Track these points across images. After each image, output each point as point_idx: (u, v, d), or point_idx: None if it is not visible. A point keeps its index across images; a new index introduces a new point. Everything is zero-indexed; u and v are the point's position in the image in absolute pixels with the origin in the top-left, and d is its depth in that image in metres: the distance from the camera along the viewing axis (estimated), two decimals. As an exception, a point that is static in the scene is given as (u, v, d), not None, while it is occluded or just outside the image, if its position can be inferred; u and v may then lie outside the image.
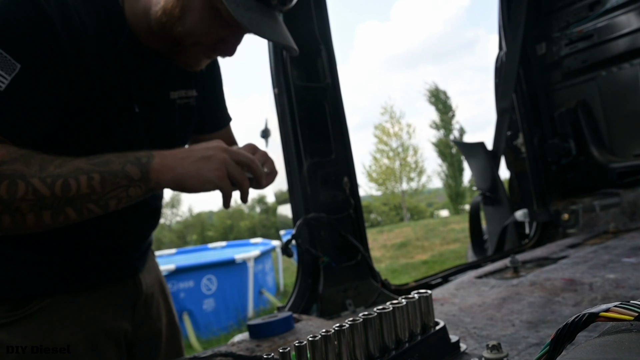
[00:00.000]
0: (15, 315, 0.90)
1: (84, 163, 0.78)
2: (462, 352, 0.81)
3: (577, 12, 2.75)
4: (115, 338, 1.05)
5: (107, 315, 1.03)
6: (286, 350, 0.59)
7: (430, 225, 15.10)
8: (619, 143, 2.70)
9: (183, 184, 0.84)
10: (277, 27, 0.93)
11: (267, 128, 1.88)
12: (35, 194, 0.74)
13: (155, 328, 1.17)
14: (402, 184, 27.27)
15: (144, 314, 1.13)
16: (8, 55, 0.77)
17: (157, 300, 1.19)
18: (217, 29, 0.91)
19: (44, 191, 0.75)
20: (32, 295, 0.92)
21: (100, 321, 1.01)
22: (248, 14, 0.86)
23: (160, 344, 1.19)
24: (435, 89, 26.74)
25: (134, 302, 1.10)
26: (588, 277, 1.32)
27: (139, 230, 1.10)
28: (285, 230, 8.12)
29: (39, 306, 0.93)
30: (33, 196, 0.74)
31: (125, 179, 0.80)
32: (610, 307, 0.35)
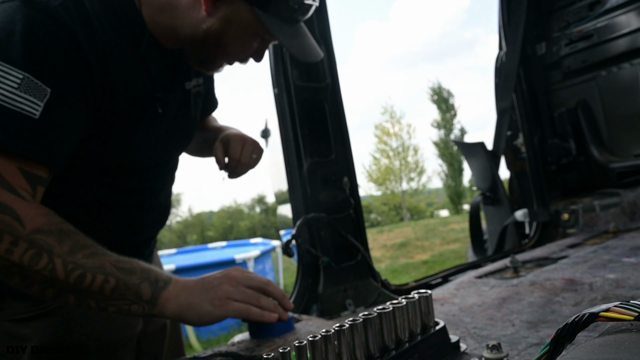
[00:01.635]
0: (35, 310, 0.92)
1: (109, 264, 0.81)
2: (462, 352, 0.81)
3: (577, 12, 2.75)
4: (128, 335, 1.07)
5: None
6: (286, 350, 0.59)
7: (430, 225, 15.10)
8: (619, 143, 2.70)
9: (183, 317, 0.87)
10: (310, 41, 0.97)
11: (267, 128, 1.88)
12: (52, 273, 0.76)
13: (161, 323, 1.19)
14: (402, 184, 27.28)
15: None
16: (39, 82, 0.76)
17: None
18: (252, 46, 0.96)
19: (60, 274, 0.77)
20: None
21: (116, 320, 1.03)
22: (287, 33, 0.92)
23: (165, 338, 1.21)
24: (438, 87, 26.73)
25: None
26: (588, 277, 1.32)
27: (153, 229, 1.12)
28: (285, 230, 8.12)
29: (55, 304, 0.94)
30: (48, 274, 0.76)
31: (135, 295, 0.83)
32: (610, 307, 0.35)
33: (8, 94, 0.74)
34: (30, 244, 0.75)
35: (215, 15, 0.89)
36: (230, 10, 0.89)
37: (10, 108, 0.74)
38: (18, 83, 0.74)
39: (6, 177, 0.75)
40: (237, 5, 0.89)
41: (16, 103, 0.74)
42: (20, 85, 0.74)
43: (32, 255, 0.75)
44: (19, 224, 0.74)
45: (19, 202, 0.75)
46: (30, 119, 0.76)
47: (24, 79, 0.75)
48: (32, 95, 0.76)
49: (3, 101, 0.74)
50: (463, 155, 3.55)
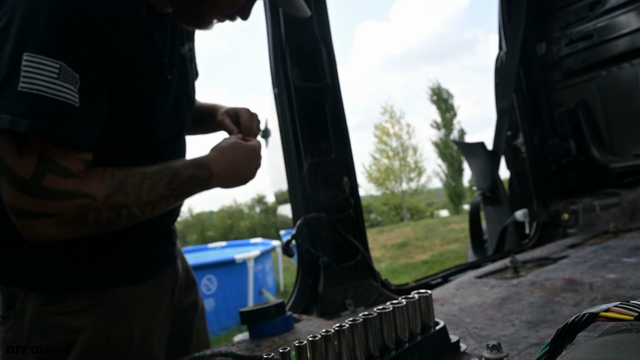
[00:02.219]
0: (87, 303, 0.95)
1: (165, 189, 0.92)
2: (462, 352, 0.81)
3: (577, 12, 2.75)
4: (164, 325, 1.10)
5: (159, 304, 1.09)
6: (286, 350, 0.59)
7: (430, 225, 15.10)
8: (619, 143, 2.70)
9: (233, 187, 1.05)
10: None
11: (267, 128, 1.88)
12: (133, 218, 0.90)
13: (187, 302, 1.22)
14: (402, 184, 27.28)
15: (178, 298, 1.19)
16: (71, 69, 0.78)
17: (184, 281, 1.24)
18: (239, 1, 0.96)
19: (139, 216, 0.90)
20: (105, 286, 0.98)
21: (155, 311, 1.07)
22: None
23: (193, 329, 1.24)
24: (437, 88, 26.72)
25: (173, 289, 1.16)
26: (588, 277, 1.32)
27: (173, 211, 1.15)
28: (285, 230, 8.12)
29: (107, 297, 0.97)
30: (132, 219, 0.90)
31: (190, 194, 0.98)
32: (610, 307, 0.35)
33: (51, 85, 0.75)
34: (109, 209, 0.85)
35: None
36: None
37: (56, 99, 0.76)
38: (57, 73, 0.76)
39: (70, 168, 0.81)
40: None
41: (60, 93, 0.76)
42: (59, 75, 0.76)
43: (115, 215, 0.86)
44: (92, 200, 0.83)
45: (82, 183, 0.82)
46: (74, 107, 0.78)
47: (60, 67, 0.76)
48: (70, 83, 0.77)
49: (48, 92, 0.75)
50: (463, 155, 3.55)
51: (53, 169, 0.79)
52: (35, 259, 0.93)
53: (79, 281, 0.95)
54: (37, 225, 0.80)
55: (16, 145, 0.77)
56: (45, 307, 0.93)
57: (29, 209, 0.79)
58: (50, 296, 0.93)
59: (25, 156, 0.77)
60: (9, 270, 0.94)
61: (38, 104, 0.75)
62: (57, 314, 0.93)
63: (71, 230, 0.83)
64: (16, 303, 0.94)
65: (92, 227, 0.85)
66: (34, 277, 0.93)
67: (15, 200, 0.79)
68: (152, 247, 1.07)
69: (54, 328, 0.93)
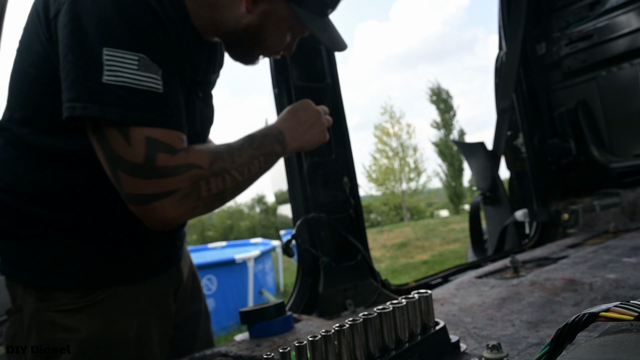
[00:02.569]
0: (80, 302, 0.94)
1: (251, 150, 0.97)
2: (462, 352, 0.81)
3: (577, 12, 2.75)
4: (165, 326, 1.09)
5: (159, 305, 1.08)
6: (286, 350, 0.59)
7: (430, 225, 15.10)
8: (619, 143, 2.70)
9: (303, 149, 1.12)
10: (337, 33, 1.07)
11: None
12: (236, 182, 0.93)
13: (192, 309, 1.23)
14: (402, 184, 27.27)
15: (182, 301, 1.18)
16: (150, 60, 0.81)
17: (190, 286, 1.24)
18: (286, 39, 1.04)
19: (240, 179, 0.94)
20: (96, 285, 0.97)
21: (154, 312, 1.06)
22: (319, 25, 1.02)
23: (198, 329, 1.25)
24: (437, 88, 26.73)
25: (176, 290, 1.15)
26: (588, 277, 1.32)
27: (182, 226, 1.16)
28: (285, 230, 8.13)
29: (102, 296, 0.97)
30: (235, 185, 0.93)
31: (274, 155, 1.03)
32: (610, 307, 0.35)
33: (132, 76, 0.79)
34: (215, 176, 0.89)
35: (254, 12, 0.96)
36: (268, 6, 0.96)
37: (140, 88, 0.80)
38: (136, 64, 0.80)
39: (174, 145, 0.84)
40: (275, 1, 0.96)
41: (143, 82, 0.80)
42: (139, 66, 0.80)
43: (221, 182, 0.90)
44: (201, 169, 0.87)
45: (187, 157, 0.86)
46: (158, 94, 0.82)
47: (139, 59, 0.80)
48: (151, 72, 0.81)
49: (131, 83, 0.79)
50: (463, 155, 3.55)
51: (161, 149, 0.82)
52: (30, 255, 0.93)
53: (70, 280, 0.95)
54: (161, 207, 0.83)
55: (122, 134, 0.80)
56: (43, 303, 0.93)
57: (150, 192, 0.82)
58: (45, 293, 0.93)
59: (133, 143, 0.80)
60: (9, 264, 0.95)
61: (125, 94, 0.78)
62: (52, 311, 0.93)
63: (189, 207, 0.86)
64: (17, 298, 0.95)
65: (205, 200, 0.88)
66: (29, 272, 0.93)
67: (136, 187, 0.81)
68: (150, 249, 1.06)
69: (50, 325, 0.93)
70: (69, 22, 0.80)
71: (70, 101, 0.79)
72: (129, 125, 0.80)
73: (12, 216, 0.93)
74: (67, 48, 0.79)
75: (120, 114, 0.78)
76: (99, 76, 0.77)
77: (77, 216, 0.94)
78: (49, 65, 0.86)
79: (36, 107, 0.91)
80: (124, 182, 0.82)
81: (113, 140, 0.80)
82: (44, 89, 0.89)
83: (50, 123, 0.89)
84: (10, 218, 0.93)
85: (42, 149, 0.91)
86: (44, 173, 0.91)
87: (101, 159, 0.83)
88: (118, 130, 0.80)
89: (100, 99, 0.77)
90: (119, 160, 0.81)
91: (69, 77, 0.79)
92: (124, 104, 0.78)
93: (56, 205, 0.92)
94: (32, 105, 0.91)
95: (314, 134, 1.11)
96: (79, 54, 0.78)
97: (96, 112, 0.77)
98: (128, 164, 0.80)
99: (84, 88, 0.78)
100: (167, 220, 0.85)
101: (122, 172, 0.81)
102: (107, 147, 0.81)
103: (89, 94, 0.78)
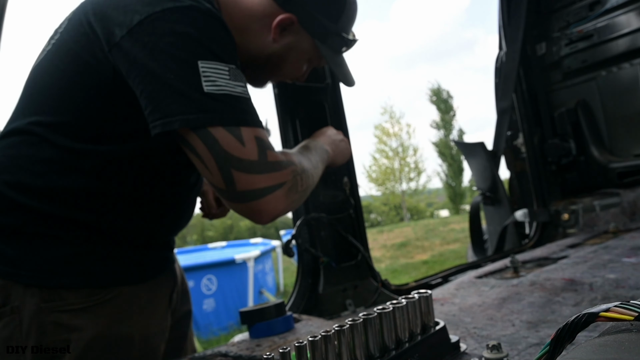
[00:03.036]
0: (88, 302, 0.95)
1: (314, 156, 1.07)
2: (462, 352, 0.81)
3: (577, 12, 2.75)
4: (164, 326, 1.10)
5: (159, 306, 1.09)
6: (286, 350, 0.59)
7: (430, 225, 15.10)
8: (619, 143, 2.70)
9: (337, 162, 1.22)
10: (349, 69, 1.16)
11: (267, 128, 1.88)
12: (313, 182, 1.02)
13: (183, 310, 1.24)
14: (402, 184, 27.27)
15: (176, 302, 1.19)
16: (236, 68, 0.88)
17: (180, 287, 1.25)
18: (303, 70, 1.11)
19: (315, 179, 1.03)
20: (104, 285, 0.98)
21: (155, 312, 1.07)
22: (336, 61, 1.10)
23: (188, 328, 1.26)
24: (437, 88, 26.72)
25: (172, 292, 1.16)
26: (588, 277, 1.32)
27: (185, 225, 1.18)
28: (285, 230, 8.13)
29: (108, 296, 0.97)
30: (312, 183, 1.01)
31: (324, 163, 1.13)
32: (610, 307, 0.35)
33: (228, 83, 0.86)
34: (303, 172, 0.97)
35: (280, 43, 1.03)
36: (294, 39, 1.03)
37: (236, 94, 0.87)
38: (228, 74, 0.86)
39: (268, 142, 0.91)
40: (301, 35, 1.03)
41: (237, 89, 0.87)
42: (230, 76, 0.86)
43: (305, 179, 0.98)
44: (295, 165, 0.95)
45: (284, 153, 0.94)
46: (248, 98, 0.90)
47: (229, 69, 0.86)
48: (239, 80, 0.88)
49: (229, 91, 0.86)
50: (463, 155, 3.55)
51: (267, 146, 0.89)
52: (35, 254, 0.93)
53: (76, 280, 0.95)
54: (272, 200, 0.89)
55: (234, 136, 0.85)
56: (47, 304, 0.92)
57: (265, 185, 0.88)
58: (50, 293, 0.93)
59: (246, 142, 0.86)
60: (6, 263, 0.93)
61: (230, 100, 0.85)
62: (57, 311, 0.93)
63: (292, 200, 0.94)
64: (12, 299, 0.93)
65: (300, 194, 0.96)
66: (32, 272, 0.93)
67: (253, 183, 0.87)
68: (151, 252, 1.07)
69: (54, 326, 0.92)
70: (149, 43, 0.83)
71: (171, 115, 0.82)
72: (239, 127, 0.85)
73: (18, 213, 0.92)
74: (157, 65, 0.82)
75: (232, 117, 0.84)
76: (201, 87, 0.82)
77: (89, 217, 0.94)
78: (97, 78, 0.89)
79: (76, 113, 0.92)
80: (239, 180, 0.86)
81: (226, 143, 0.84)
82: (89, 98, 0.90)
83: (87, 129, 0.91)
84: (16, 215, 0.92)
85: (69, 153, 0.91)
86: (63, 174, 0.92)
87: (208, 163, 0.85)
88: (230, 133, 0.84)
89: (210, 107, 0.83)
90: (233, 160, 0.85)
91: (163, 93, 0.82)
92: (231, 109, 0.85)
93: (70, 205, 0.93)
94: (72, 111, 0.92)
95: (343, 149, 1.24)
96: (174, 69, 0.82)
97: (210, 120, 0.83)
98: (244, 162, 0.86)
99: (190, 101, 0.82)
100: (277, 212, 0.91)
101: (236, 171, 0.86)
102: (219, 150, 0.84)
103: (197, 105, 0.82)
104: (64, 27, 0.97)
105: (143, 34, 0.83)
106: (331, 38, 1.05)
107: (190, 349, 1.28)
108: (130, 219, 0.98)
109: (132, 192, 0.97)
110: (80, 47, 0.90)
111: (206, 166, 0.86)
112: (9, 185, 0.92)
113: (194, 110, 0.82)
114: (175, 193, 1.06)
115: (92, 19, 0.89)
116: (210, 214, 1.31)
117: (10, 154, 0.94)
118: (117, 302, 0.99)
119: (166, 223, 1.08)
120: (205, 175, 0.88)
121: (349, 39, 1.08)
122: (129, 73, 0.85)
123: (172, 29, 0.83)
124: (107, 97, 0.90)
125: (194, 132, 0.84)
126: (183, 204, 1.10)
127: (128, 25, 0.84)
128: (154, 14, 0.84)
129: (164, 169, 1.00)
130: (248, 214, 0.91)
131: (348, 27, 1.09)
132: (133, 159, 0.94)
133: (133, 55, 0.84)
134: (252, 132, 0.87)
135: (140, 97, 0.85)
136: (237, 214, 0.93)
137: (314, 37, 1.04)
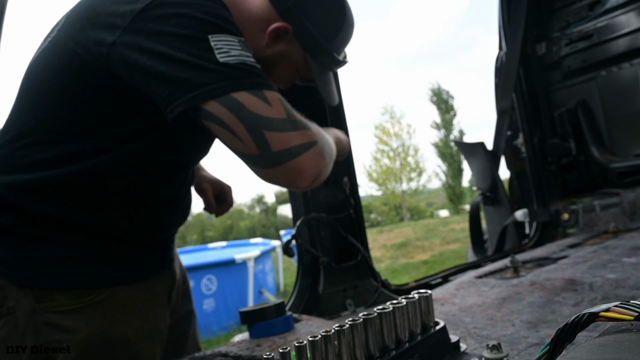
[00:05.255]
0: (80, 303, 0.95)
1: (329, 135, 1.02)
2: (462, 352, 0.81)
3: (577, 12, 2.75)
4: (161, 327, 1.10)
5: (155, 305, 1.08)
6: (286, 350, 0.59)
7: (430, 225, 15.09)
8: (619, 143, 2.70)
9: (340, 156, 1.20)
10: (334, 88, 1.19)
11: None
12: (333, 154, 0.99)
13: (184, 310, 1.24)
14: (402, 184, 27.27)
15: (175, 301, 1.19)
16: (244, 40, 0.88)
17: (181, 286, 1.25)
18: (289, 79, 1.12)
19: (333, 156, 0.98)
20: (96, 286, 0.97)
21: (151, 312, 1.06)
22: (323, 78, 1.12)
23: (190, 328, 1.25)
24: (437, 88, 26.73)
25: (170, 291, 1.16)
26: (588, 277, 1.32)
27: (181, 222, 1.17)
28: (285, 230, 8.15)
29: (101, 297, 0.97)
30: (333, 155, 0.98)
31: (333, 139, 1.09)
32: (610, 307, 0.35)
33: (241, 53, 0.85)
34: (326, 140, 0.94)
35: (273, 49, 1.02)
36: (287, 48, 1.03)
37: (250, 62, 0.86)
38: (239, 45, 0.86)
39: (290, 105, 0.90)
40: (294, 46, 1.03)
41: (249, 58, 0.86)
42: (241, 47, 0.86)
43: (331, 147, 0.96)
44: (319, 130, 0.92)
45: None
46: (261, 68, 0.88)
47: (239, 40, 0.86)
48: (249, 51, 0.87)
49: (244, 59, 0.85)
50: (463, 156, 3.55)
51: (291, 106, 0.88)
52: (27, 255, 0.93)
53: (65, 281, 0.94)
54: (311, 158, 0.87)
55: (260, 99, 0.83)
56: (40, 305, 0.92)
57: (300, 142, 0.85)
58: (42, 294, 0.93)
59: (272, 103, 0.85)
60: (3, 264, 0.93)
61: (246, 67, 0.84)
62: (50, 312, 0.93)
63: (326, 162, 0.92)
64: (7, 300, 0.93)
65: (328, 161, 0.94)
66: (25, 273, 0.92)
67: (287, 141, 0.84)
68: (146, 251, 1.07)
69: (47, 326, 0.92)
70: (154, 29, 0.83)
71: (191, 91, 0.81)
72: (262, 90, 0.84)
73: (12, 214, 0.92)
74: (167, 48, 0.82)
75: (254, 82, 0.83)
76: (215, 59, 0.82)
77: (80, 217, 0.94)
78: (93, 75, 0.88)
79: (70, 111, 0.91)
80: (273, 140, 0.83)
81: (252, 105, 0.82)
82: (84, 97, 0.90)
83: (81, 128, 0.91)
84: (10, 216, 0.92)
85: (62, 152, 0.91)
86: (60, 174, 0.92)
87: (237, 129, 0.83)
88: (254, 95, 0.83)
89: (229, 75, 0.82)
90: (263, 121, 0.83)
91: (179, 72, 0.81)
92: (251, 74, 0.84)
93: (63, 204, 0.93)
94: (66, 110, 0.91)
95: (344, 144, 1.25)
96: (185, 48, 0.81)
97: (232, 87, 0.81)
98: (275, 121, 0.83)
99: (208, 73, 0.81)
100: (317, 171, 0.89)
101: (268, 131, 0.83)
102: (247, 113, 0.82)
103: (216, 76, 0.81)
104: (61, 25, 0.96)
105: (147, 21, 0.83)
106: (323, 55, 1.06)
107: (193, 348, 1.27)
108: (122, 218, 0.97)
109: (124, 192, 0.97)
110: (76, 44, 0.89)
111: (235, 134, 0.83)
112: (3, 185, 0.92)
113: (214, 81, 0.81)
114: (167, 192, 1.05)
115: (91, 14, 0.89)
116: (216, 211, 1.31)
117: (5, 153, 0.94)
118: (111, 302, 0.98)
119: (158, 222, 1.07)
120: (233, 145, 0.85)
121: (339, 60, 1.09)
122: (136, 64, 0.83)
123: (176, 12, 0.83)
124: (102, 96, 0.89)
125: (217, 101, 0.81)
126: (174, 203, 1.09)
127: (130, 15, 0.84)
128: (155, 1, 0.84)
129: (155, 168, 0.99)
130: (288, 177, 0.86)
131: (341, 48, 1.10)
132: (126, 158, 0.93)
133: (139, 45, 0.82)
134: (275, 94, 0.86)
135: (152, 86, 0.83)
136: (274, 184, 0.90)
137: (306, 50, 1.05)
